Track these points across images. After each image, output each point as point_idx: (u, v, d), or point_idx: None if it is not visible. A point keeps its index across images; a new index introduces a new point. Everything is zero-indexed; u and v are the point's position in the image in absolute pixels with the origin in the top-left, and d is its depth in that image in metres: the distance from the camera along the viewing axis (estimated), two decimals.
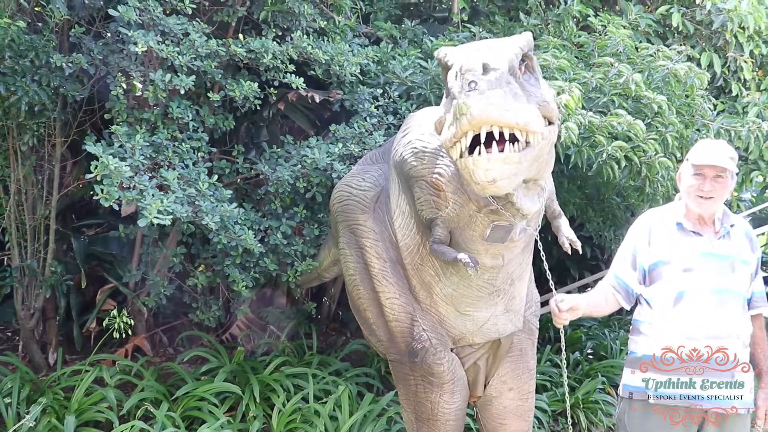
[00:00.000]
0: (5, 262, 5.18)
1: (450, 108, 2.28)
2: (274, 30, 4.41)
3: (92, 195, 5.30)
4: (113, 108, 4.07)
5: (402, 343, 3.25)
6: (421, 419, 3.29)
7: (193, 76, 3.93)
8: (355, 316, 3.65)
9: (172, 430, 3.96)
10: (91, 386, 4.32)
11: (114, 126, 3.81)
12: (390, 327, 3.28)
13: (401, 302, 3.23)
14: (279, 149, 4.52)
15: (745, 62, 5.33)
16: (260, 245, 4.11)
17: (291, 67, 4.27)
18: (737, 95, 5.40)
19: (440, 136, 2.42)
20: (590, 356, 5.81)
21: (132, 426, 4.00)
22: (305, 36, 4.35)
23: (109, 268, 5.11)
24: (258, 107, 4.37)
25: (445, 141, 2.28)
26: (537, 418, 4.60)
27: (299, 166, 4.29)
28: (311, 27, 4.57)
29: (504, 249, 2.88)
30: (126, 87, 4.08)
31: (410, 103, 4.67)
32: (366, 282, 3.34)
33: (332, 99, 4.60)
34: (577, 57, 4.67)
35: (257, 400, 4.34)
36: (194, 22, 4.06)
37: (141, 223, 3.46)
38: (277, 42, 4.27)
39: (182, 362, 4.89)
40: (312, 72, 4.49)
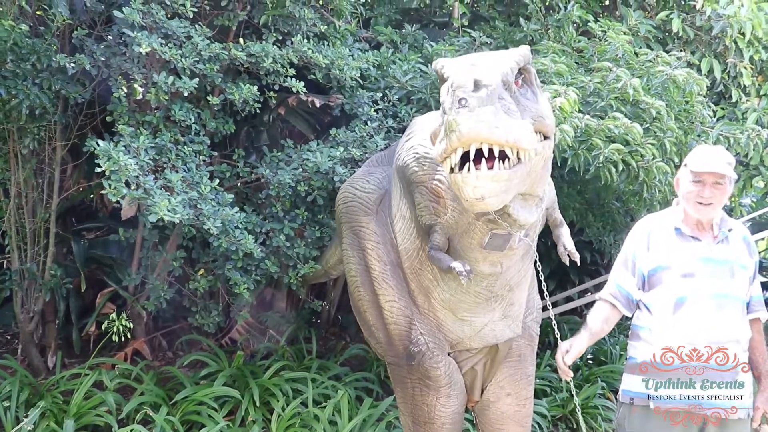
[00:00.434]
0: (5, 265, 5.18)
1: (442, 122, 2.29)
2: (275, 34, 4.43)
3: (92, 198, 5.40)
4: (114, 111, 4.09)
5: (400, 346, 3.25)
6: (418, 422, 3.29)
7: (196, 79, 3.95)
8: (357, 317, 3.65)
9: None
10: (90, 390, 4.32)
11: (120, 126, 3.83)
12: (388, 330, 3.28)
13: (400, 305, 3.23)
14: (279, 153, 4.53)
15: (745, 68, 5.33)
16: (261, 248, 4.12)
17: (291, 71, 4.28)
18: (737, 101, 5.40)
19: (433, 149, 2.43)
20: (590, 361, 5.81)
21: (131, 430, 4.01)
22: (306, 40, 4.36)
23: (109, 272, 5.12)
24: (258, 111, 4.38)
25: (437, 154, 2.28)
26: (536, 423, 4.60)
27: (300, 170, 4.30)
28: (312, 31, 4.59)
29: (503, 257, 2.88)
30: (127, 90, 4.10)
31: (410, 107, 4.69)
32: (367, 284, 3.35)
33: (332, 103, 4.61)
34: (577, 62, 4.68)
35: (257, 405, 4.34)
36: (196, 26, 4.08)
37: (151, 219, 3.49)
38: (278, 46, 4.28)
39: (182, 366, 4.90)
40: (312, 76, 4.50)
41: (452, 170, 2.22)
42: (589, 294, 6.44)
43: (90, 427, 4.13)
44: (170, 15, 4.04)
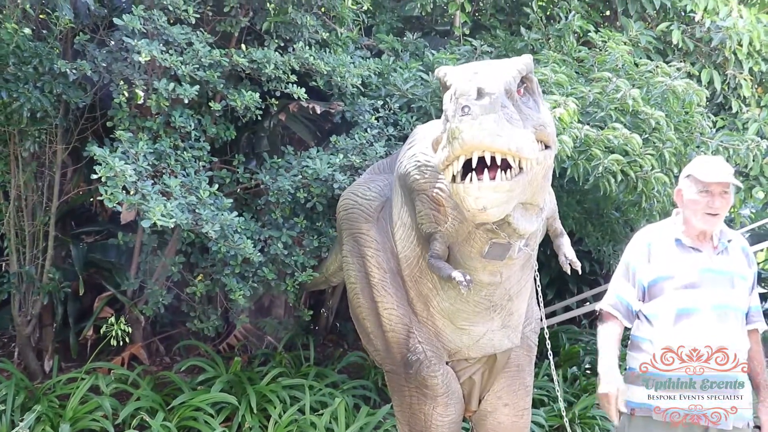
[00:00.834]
0: (3, 268, 5.19)
1: (445, 129, 2.29)
2: (277, 41, 4.44)
3: (92, 202, 5.41)
4: (115, 116, 4.10)
5: (398, 354, 3.25)
6: (415, 431, 3.28)
7: (197, 86, 3.95)
8: (355, 324, 3.65)
9: None
10: (87, 394, 4.31)
11: (118, 131, 3.84)
12: (387, 337, 3.28)
13: (399, 313, 3.23)
14: (279, 159, 4.54)
15: (745, 79, 5.35)
16: (260, 255, 4.11)
17: (293, 78, 4.29)
18: (737, 112, 5.42)
19: (435, 156, 2.43)
20: (588, 371, 5.79)
21: None
22: (307, 47, 4.38)
23: (108, 276, 5.12)
24: (259, 117, 4.39)
25: (439, 162, 2.28)
26: None
27: (300, 177, 4.31)
28: (313, 38, 4.60)
29: (502, 266, 2.88)
30: (128, 95, 4.11)
31: (411, 115, 4.69)
32: (366, 291, 3.35)
33: (333, 110, 4.62)
34: (577, 72, 4.69)
35: (254, 411, 4.33)
36: (198, 32, 4.09)
37: (145, 224, 3.49)
38: (280, 53, 4.29)
39: (179, 371, 4.88)
40: (313, 83, 4.51)
41: (454, 179, 2.22)
42: (588, 303, 6.44)
43: None
44: (172, 21, 4.05)
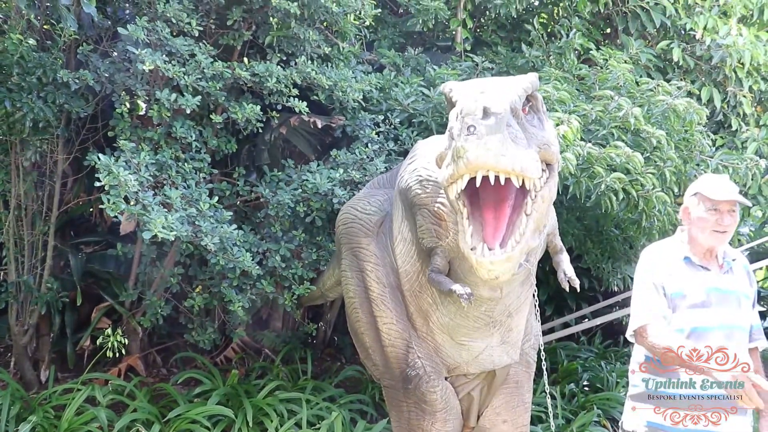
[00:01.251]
0: (1, 277, 5.17)
1: (449, 146, 2.30)
2: (279, 54, 4.47)
3: (92, 212, 5.40)
4: (117, 126, 4.11)
5: (396, 369, 3.24)
6: None
7: (198, 97, 3.97)
8: (353, 339, 3.64)
9: None
10: (83, 405, 4.28)
11: (121, 141, 3.85)
12: (385, 352, 3.27)
13: (398, 328, 3.22)
14: (280, 173, 4.54)
15: (744, 97, 5.38)
16: (258, 267, 4.11)
17: (294, 92, 4.31)
18: (737, 130, 5.45)
19: (439, 173, 2.44)
20: (586, 388, 5.77)
21: None
22: (309, 61, 4.40)
23: (106, 287, 5.10)
24: (260, 130, 4.40)
25: (443, 179, 2.30)
26: None
27: (300, 190, 4.31)
28: (315, 53, 4.63)
29: (502, 281, 2.88)
30: (130, 105, 4.12)
31: (411, 130, 4.71)
32: (365, 305, 3.35)
33: (334, 124, 4.63)
34: (578, 89, 4.71)
35: (250, 424, 4.30)
36: (201, 44, 4.11)
37: (146, 236, 3.49)
38: (282, 66, 4.31)
39: (176, 384, 4.86)
40: (315, 97, 4.53)
41: (466, 249, 2.28)
42: (587, 320, 6.43)
43: None
44: (175, 33, 4.07)
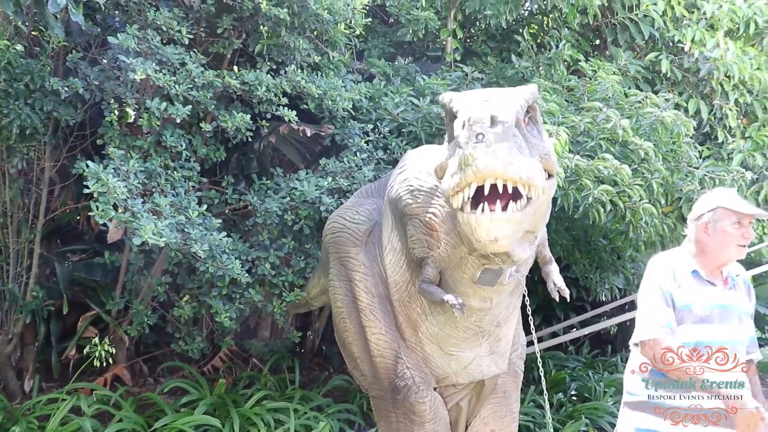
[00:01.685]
0: None
1: (453, 155, 2.29)
2: (269, 63, 4.47)
3: (79, 220, 5.36)
4: (106, 134, 4.08)
5: (385, 380, 3.23)
6: None
7: (189, 106, 3.96)
8: (341, 349, 3.62)
9: None
10: (67, 415, 4.23)
11: (110, 149, 3.82)
12: (374, 363, 3.26)
13: (387, 338, 3.22)
14: (268, 181, 4.53)
15: (731, 110, 5.43)
16: (247, 276, 4.09)
17: (284, 101, 4.31)
18: (723, 142, 5.49)
19: (442, 183, 2.43)
20: (574, 398, 5.78)
21: None
22: (299, 70, 4.40)
23: (92, 295, 5.05)
24: (249, 139, 4.39)
25: (447, 189, 2.29)
26: None
27: (288, 199, 4.30)
28: (305, 61, 4.63)
29: (492, 292, 2.89)
30: (119, 114, 4.10)
31: (401, 140, 4.71)
32: (353, 315, 3.34)
33: (323, 133, 4.63)
34: (567, 100, 4.74)
35: None
36: (191, 53, 4.10)
37: (135, 242, 3.46)
38: (271, 75, 4.31)
39: (162, 393, 4.82)
40: (304, 106, 4.53)
41: (462, 209, 2.23)
42: (575, 330, 6.45)
43: None
44: (166, 41, 4.06)
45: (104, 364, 4.71)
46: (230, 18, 4.25)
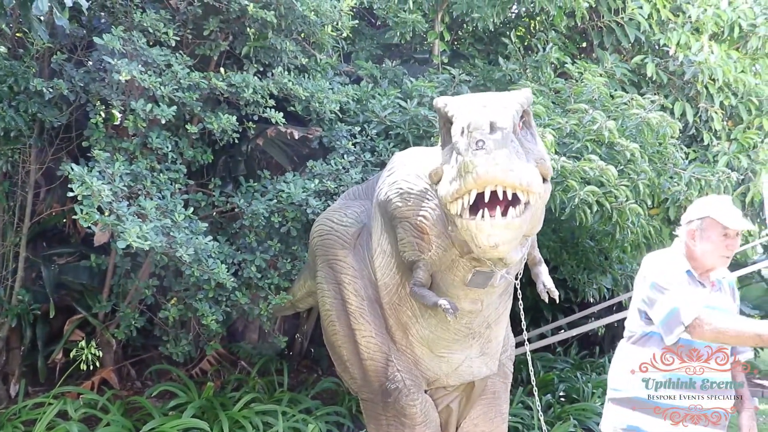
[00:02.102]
0: None
1: (449, 161, 2.29)
2: (256, 65, 4.46)
3: (65, 223, 5.33)
4: (91, 136, 4.06)
5: (376, 383, 3.22)
6: None
7: (175, 107, 3.94)
8: (329, 352, 3.61)
9: None
10: (54, 420, 4.19)
11: (96, 151, 3.80)
12: (364, 366, 3.25)
13: (377, 341, 3.21)
14: (255, 183, 4.52)
15: (716, 113, 5.48)
16: (233, 279, 4.08)
17: (271, 103, 4.30)
18: (708, 144, 5.54)
19: (438, 189, 2.42)
20: (562, 399, 5.80)
21: None
22: (286, 72, 4.40)
23: (79, 299, 5.02)
24: (236, 141, 4.38)
25: (446, 195, 2.28)
26: None
27: (275, 201, 4.29)
28: (293, 63, 4.62)
29: (483, 294, 2.89)
30: (105, 115, 4.08)
31: (388, 142, 4.72)
32: (342, 318, 3.33)
33: (311, 135, 4.62)
34: (554, 102, 4.76)
35: None
36: (177, 54, 4.09)
37: (120, 245, 3.43)
38: (258, 77, 4.30)
39: (150, 396, 4.80)
40: (292, 108, 4.52)
41: (461, 215, 2.23)
42: (563, 331, 6.48)
43: None
44: (152, 43, 4.04)
45: (91, 368, 4.68)
46: (217, 20, 4.24)
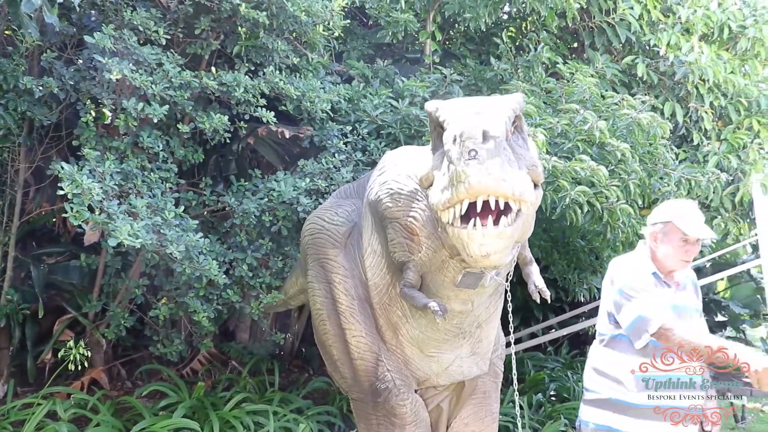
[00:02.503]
0: None
1: (440, 167, 2.28)
2: (247, 64, 4.45)
3: (54, 222, 5.30)
4: (81, 135, 4.04)
5: (366, 382, 3.22)
6: None
7: (166, 106, 3.92)
8: (320, 351, 3.61)
9: None
10: (43, 420, 4.17)
11: (86, 149, 3.78)
12: (354, 365, 3.25)
13: (367, 341, 3.20)
14: (246, 183, 4.51)
15: (706, 113, 5.51)
16: (225, 277, 4.06)
17: (262, 102, 4.29)
18: (698, 144, 5.57)
19: (429, 196, 2.41)
20: (553, 398, 5.82)
21: None
22: (278, 71, 4.39)
23: (69, 298, 5.00)
24: (228, 140, 4.37)
25: (437, 204, 2.27)
26: None
27: (266, 200, 4.29)
28: (284, 63, 4.61)
29: (474, 294, 2.88)
30: (95, 114, 4.06)
31: (379, 141, 4.72)
32: (333, 318, 3.32)
33: (302, 135, 4.62)
34: (545, 102, 4.78)
35: None
36: (168, 53, 4.07)
37: (111, 243, 3.41)
38: (250, 76, 4.29)
39: (140, 396, 4.78)
40: (283, 107, 4.51)
41: (453, 223, 2.21)
42: (554, 330, 6.50)
43: None
44: (142, 41, 4.03)
45: (81, 368, 4.66)
46: (208, 19, 4.23)
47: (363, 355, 3.21)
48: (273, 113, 4.32)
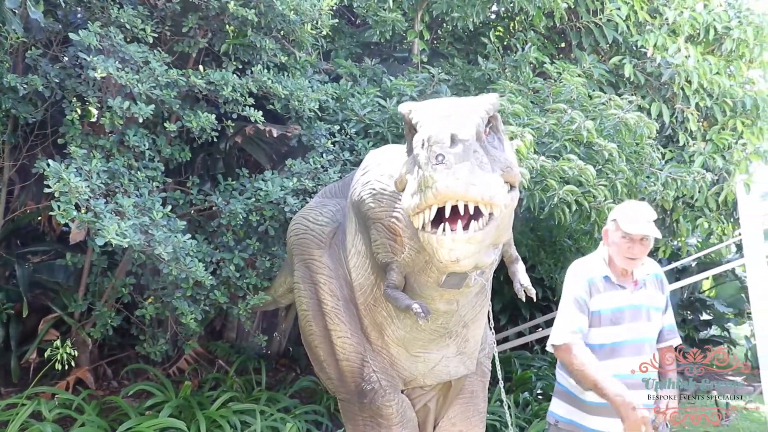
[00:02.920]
0: None
1: (412, 171, 2.26)
2: (235, 63, 4.43)
3: (39, 221, 5.26)
4: (67, 133, 4.01)
5: (352, 383, 3.21)
6: None
7: (152, 105, 3.90)
8: (307, 351, 3.60)
9: None
10: (27, 421, 4.14)
11: (72, 148, 3.74)
12: (340, 366, 3.24)
13: (353, 342, 3.20)
14: (234, 182, 4.50)
15: (691, 114, 5.54)
16: (211, 278, 4.05)
17: (250, 101, 4.27)
18: (684, 144, 5.61)
19: (402, 200, 2.39)
20: (540, 397, 5.84)
21: None
22: (266, 70, 4.37)
23: (54, 297, 4.96)
24: (215, 139, 4.35)
25: (408, 208, 2.24)
26: None
27: (253, 199, 4.27)
28: (272, 61, 4.59)
29: (458, 294, 2.88)
30: (81, 112, 4.03)
31: (367, 141, 4.71)
32: (318, 318, 3.30)
33: (290, 134, 4.60)
34: (533, 102, 4.79)
35: None
36: (155, 51, 4.04)
37: (98, 242, 3.39)
38: (237, 75, 4.27)
39: (126, 396, 4.76)
40: (271, 106, 4.50)
41: (423, 228, 2.19)
42: (541, 329, 6.52)
43: None
44: (129, 39, 4.00)
45: (66, 368, 4.62)
46: (195, 17, 4.20)
47: (348, 356, 3.20)
48: (261, 112, 4.30)
